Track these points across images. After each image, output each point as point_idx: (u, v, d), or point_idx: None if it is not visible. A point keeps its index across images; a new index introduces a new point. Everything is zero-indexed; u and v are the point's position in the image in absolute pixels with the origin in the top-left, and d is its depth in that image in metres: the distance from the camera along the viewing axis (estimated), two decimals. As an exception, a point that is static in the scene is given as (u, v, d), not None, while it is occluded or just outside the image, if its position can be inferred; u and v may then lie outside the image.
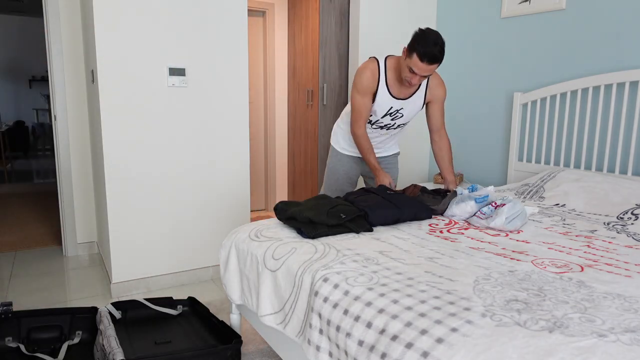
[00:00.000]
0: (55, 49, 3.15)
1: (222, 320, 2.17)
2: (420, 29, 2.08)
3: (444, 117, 2.44)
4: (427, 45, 2.01)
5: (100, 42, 2.47)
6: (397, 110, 2.31)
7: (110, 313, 2.23)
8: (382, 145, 2.53)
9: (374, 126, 2.40)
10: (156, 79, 2.63)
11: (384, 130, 2.42)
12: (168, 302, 2.40)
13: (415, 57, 2.04)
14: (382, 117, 2.33)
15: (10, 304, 2.21)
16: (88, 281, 2.93)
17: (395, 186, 2.44)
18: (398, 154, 2.66)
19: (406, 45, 2.15)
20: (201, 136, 2.81)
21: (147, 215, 2.72)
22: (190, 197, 2.83)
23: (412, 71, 2.09)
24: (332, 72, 3.88)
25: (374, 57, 2.29)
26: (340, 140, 2.56)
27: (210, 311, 2.28)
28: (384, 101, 2.28)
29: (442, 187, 2.65)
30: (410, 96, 2.30)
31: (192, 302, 2.44)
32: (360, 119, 2.31)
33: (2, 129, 7.12)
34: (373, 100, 2.27)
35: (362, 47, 3.28)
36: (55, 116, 3.23)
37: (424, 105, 2.39)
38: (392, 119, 2.35)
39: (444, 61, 3.55)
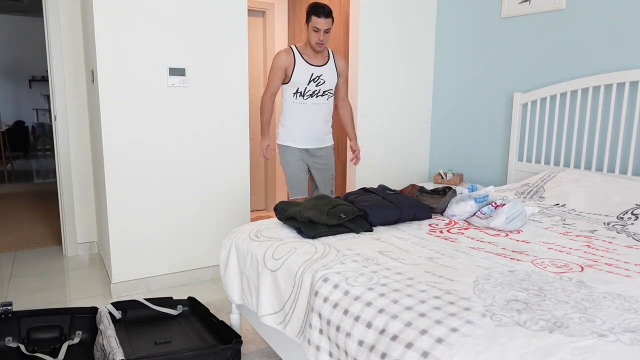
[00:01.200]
0: (55, 49, 3.15)
1: (222, 320, 2.17)
2: (313, 2, 2.67)
3: (347, 89, 2.97)
4: (318, 7, 2.59)
5: (100, 42, 2.47)
6: (318, 77, 2.74)
7: (110, 313, 2.23)
8: (321, 122, 2.82)
9: (305, 97, 2.74)
10: (156, 79, 2.63)
11: (314, 99, 2.76)
12: (168, 302, 2.40)
13: (313, 17, 2.58)
14: (307, 84, 2.72)
15: (10, 304, 2.21)
16: (88, 281, 2.93)
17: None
18: (332, 146, 2.94)
19: (305, 21, 2.65)
20: (201, 136, 2.81)
21: (147, 216, 2.72)
22: (190, 197, 2.83)
23: (315, 30, 2.59)
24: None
25: (288, 46, 2.83)
26: (284, 136, 2.82)
27: (210, 311, 2.28)
28: (304, 70, 2.70)
29: (440, 187, 2.65)
30: (325, 64, 2.75)
31: (192, 302, 2.43)
32: (267, 90, 2.75)
33: (2, 129, 7.12)
34: (292, 75, 2.69)
35: (362, 47, 3.28)
36: (55, 116, 3.23)
37: (338, 78, 2.83)
38: (316, 85, 2.74)
39: (444, 61, 3.55)
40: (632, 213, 2.05)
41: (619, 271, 1.44)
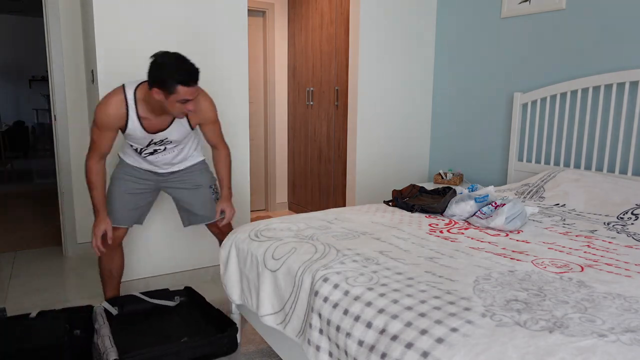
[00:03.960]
0: (55, 49, 3.15)
1: (218, 309, 2.18)
2: (155, 60, 1.85)
3: (220, 133, 2.24)
4: (182, 70, 1.83)
5: (100, 42, 2.47)
6: (162, 140, 2.09)
7: (106, 310, 2.23)
8: (175, 162, 2.24)
9: (143, 154, 2.14)
10: (156, 79, 2.63)
11: (159, 154, 2.16)
12: (165, 294, 2.41)
13: (180, 87, 1.82)
14: (146, 147, 2.10)
15: (4, 309, 2.21)
16: (88, 281, 2.92)
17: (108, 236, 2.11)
18: (201, 162, 2.34)
19: (153, 83, 1.84)
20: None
21: (147, 215, 2.71)
22: (190, 197, 2.83)
23: (185, 101, 1.88)
24: (341, 74, 3.88)
25: (122, 87, 1.98)
26: (127, 154, 2.23)
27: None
28: (139, 136, 2.04)
29: (440, 187, 2.66)
30: (169, 126, 2.05)
31: (189, 291, 2.44)
32: (95, 153, 2.03)
33: (2, 129, 7.12)
34: (125, 130, 2.02)
35: (362, 47, 3.28)
36: (55, 116, 3.23)
37: (194, 127, 2.16)
38: (160, 145, 2.11)
39: (444, 61, 3.55)
40: (632, 213, 2.05)
41: (619, 271, 1.44)
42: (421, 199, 2.37)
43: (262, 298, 1.68)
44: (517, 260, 1.54)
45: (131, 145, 2.14)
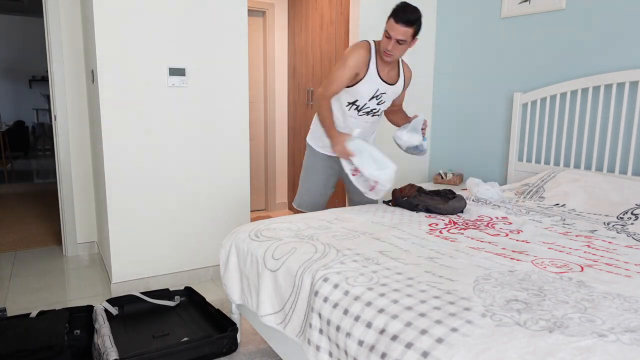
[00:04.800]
0: (55, 49, 3.15)
1: (218, 309, 2.18)
2: (401, 1, 2.18)
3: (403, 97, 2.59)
4: (402, 11, 2.11)
5: (100, 42, 2.47)
6: (382, 94, 2.35)
7: (106, 310, 2.23)
8: (364, 137, 2.47)
9: (360, 113, 2.38)
10: (156, 79, 2.63)
11: (369, 117, 2.42)
12: (165, 293, 2.41)
13: (391, 20, 2.12)
14: (369, 101, 2.34)
15: (4, 309, 2.21)
16: (88, 281, 2.93)
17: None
18: None
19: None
20: (201, 136, 2.81)
21: (147, 215, 2.71)
22: (190, 197, 2.83)
23: (388, 36, 2.15)
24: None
25: (367, 41, 2.31)
26: (317, 139, 2.50)
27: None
28: (373, 83, 2.30)
29: (441, 188, 2.66)
30: (394, 83, 2.37)
31: (189, 291, 2.45)
32: (332, 87, 2.30)
33: (2, 129, 7.11)
34: (357, 82, 2.29)
35: (362, 47, 3.28)
36: (55, 116, 3.23)
37: (405, 89, 2.49)
38: (377, 103, 2.37)
39: (444, 61, 3.55)
40: (632, 213, 2.05)
41: (619, 271, 1.44)
42: (420, 199, 2.37)
43: (262, 298, 1.68)
44: (517, 260, 1.54)
45: (350, 105, 2.35)
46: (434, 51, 3.61)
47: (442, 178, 3.30)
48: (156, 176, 2.71)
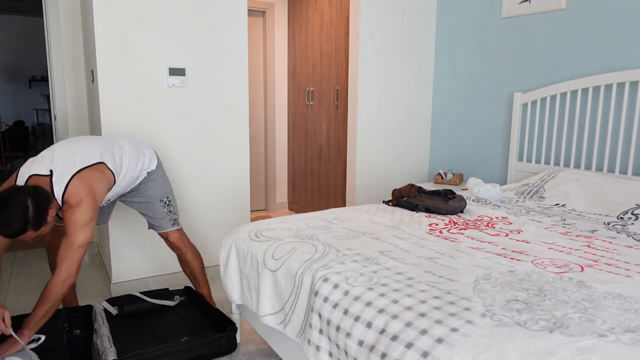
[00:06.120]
0: (55, 49, 3.15)
1: (217, 308, 2.19)
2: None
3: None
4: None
5: (100, 42, 2.47)
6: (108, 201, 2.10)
7: (106, 310, 2.23)
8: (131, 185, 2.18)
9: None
10: (156, 79, 2.63)
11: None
12: (165, 293, 2.41)
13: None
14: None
15: None
16: (88, 281, 2.92)
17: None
18: (150, 173, 2.20)
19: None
20: (201, 136, 2.81)
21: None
22: (190, 196, 2.83)
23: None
24: (341, 75, 3.89)
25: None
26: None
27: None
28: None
29: (441, 188, 2.66)
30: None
31: (188, 291, 2.45)
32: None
33: (2, 129, 7.11)
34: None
35: (362, 47, 3.28)
36: (55, 116, 3.23)
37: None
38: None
39: (444, 61, 3.55)
40: (632, 213, 2.05)
41: (619, 271, 1.44)
42: (420, 199, 2.37)
43: (262, 298, 1.68)
44: (517, 260, 1.54)
45: None
46: (434, 51, 3.61)
47: (442, 178, 3.30)
48: (156, 176, 2.71)
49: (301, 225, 1.97)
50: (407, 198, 2.38)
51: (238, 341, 2.09)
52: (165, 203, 2.25)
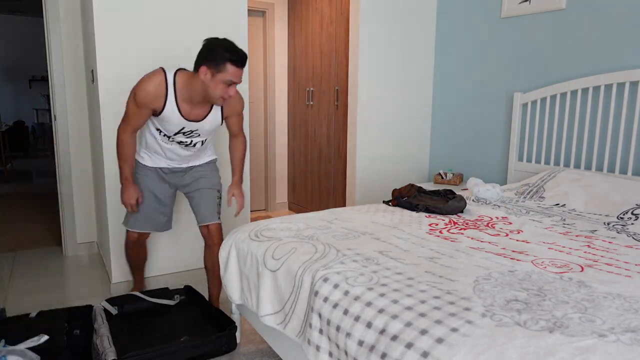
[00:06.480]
0: (55, 49, 3.15)
1: (217, 307, 2.19)
2: (209, 41, 1.95)
3: (242, 124, 2.31)
4: (234, 50, 1.89)
5: (100, 42, 2.47)
6: (192, 131, 2.11)
7: (105, 310, 2.23)
8: (190, 158, 2.28)
9: (170, 140, 2.14)
10: (156, 79, 2.63)
11: (183, 147, 2.18)
12: (165, 292, 2.41)
13: (229, 66, 1.88)
14: (174, 135, 2.11)
15: (4, 309, 2.21)
16: (88, 281, 2.92)
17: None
18: (214, 160, 2.38)
19: (203, 60, 1.92)
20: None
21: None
22: (190, 197, 2.83)
23: (230, 83, 1.92)
24: (341, 74, 3.89)
25: (162, 70, 2.01)
26: (142, 154, 2.26)
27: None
28: (174, 121, 2.05)
29: (441, 188, 2.66)
30: (205, 117, 2.09)
31: (188, 290, 2.45)
32: (128, 126, 2.07)
33: (2, 129, 7.11)
34: (159, 114, 2.03)
35: (362, 47, 3.28)
36: (55, 116, 3.23)
37: (224, 120, 2.21)
38: (187, 137, 2.13)
39: (444, 61, 3.55)
40: (632, 213, 2.05)
41: (619, 271, 1.44)
42: (420, 199, 2.38)
43: (262, 298, 1.68)
44: (517, 260, 1.54)
45: (159, 132, 2.12)
46: (434, 51, 3.61)
47: (442, 178, 3.30)
48: (156, 176, 2.71)
49: (301, 225, 1.97)
50: (407, 198, 2.38)
51: (238, 340, 2.10)
52: (219, 195, 2.34)
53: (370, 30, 3.29)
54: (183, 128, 2.09)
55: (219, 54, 1.88)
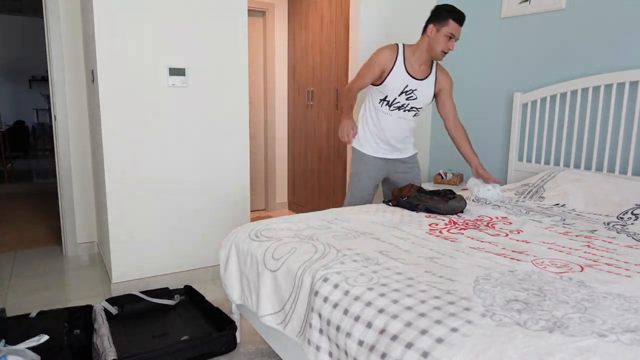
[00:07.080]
0: (55, 49, 3.15)
1: (217, 307, 2.19)
2: (435, 7, 2.40)
3: (455, 106, 2.62)
4: (455, 11, 2.33)
5: (100, 42, 2.47)
6: (412, 91, 2.46)
7: (106, 310, 2.23)
8: (400, 137, 2.60)
9: (392, 108, 2.50)
10: (156, 79, 2.63)
11: (401, 112, 2.52)
12: (165, 292, 2.42)
13: (451, 22, 2.32)
14: (398, 96, 2.47)
15: (4, 309, 2.21)
16: (88, 281, 2.93)
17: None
18: (416, 154, 2.74)
19: (431, 20, 2.38)
20: (201, 136, 2.81)
21: (147, 215, 2.71)
22: (190, 197, 2.83)
23: (450, 37, 2.34)
24: (340, 75, 3.88)
25: (395, 43, 2.50)
26: (363, 142, 2.63)
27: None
28: (400, 78, 2.43)
29: (441, 188, 2.67)
30: (424, 78, 2.48)
31: (188, 290, 2.45)
32: (358, 82, 2.51)
33: (2, 129, 7.12)
34: (384, 80, 2.43)
35: (363, 48, 3.28)
36: (55, 116, 3.23)
37: (434, 97, 2.57)
38: (407, 98, 2.48)
39: (444, 61, 3.54)
40: (632, 213, 2.05)
41: (619, 271, 1.44)
42: (420, 199, 2.37)
43: (262, 298, 1.68)
44: (517, 260, 1.54)
45: (381, 102, 2.50)
46: (434, 51, 3.60)
47: (442, 178, 3.30)
48: (156, 176, 2.71)
49: (301, 225, 1.97)
50: (407, 198, 2.38)
51: (238, 340, 2.10)
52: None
53: (370, 30, 3.29)
54: (406, 86, 2.45)
55: (443, 13, 2.33)
